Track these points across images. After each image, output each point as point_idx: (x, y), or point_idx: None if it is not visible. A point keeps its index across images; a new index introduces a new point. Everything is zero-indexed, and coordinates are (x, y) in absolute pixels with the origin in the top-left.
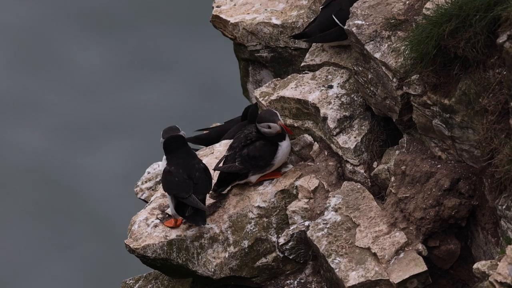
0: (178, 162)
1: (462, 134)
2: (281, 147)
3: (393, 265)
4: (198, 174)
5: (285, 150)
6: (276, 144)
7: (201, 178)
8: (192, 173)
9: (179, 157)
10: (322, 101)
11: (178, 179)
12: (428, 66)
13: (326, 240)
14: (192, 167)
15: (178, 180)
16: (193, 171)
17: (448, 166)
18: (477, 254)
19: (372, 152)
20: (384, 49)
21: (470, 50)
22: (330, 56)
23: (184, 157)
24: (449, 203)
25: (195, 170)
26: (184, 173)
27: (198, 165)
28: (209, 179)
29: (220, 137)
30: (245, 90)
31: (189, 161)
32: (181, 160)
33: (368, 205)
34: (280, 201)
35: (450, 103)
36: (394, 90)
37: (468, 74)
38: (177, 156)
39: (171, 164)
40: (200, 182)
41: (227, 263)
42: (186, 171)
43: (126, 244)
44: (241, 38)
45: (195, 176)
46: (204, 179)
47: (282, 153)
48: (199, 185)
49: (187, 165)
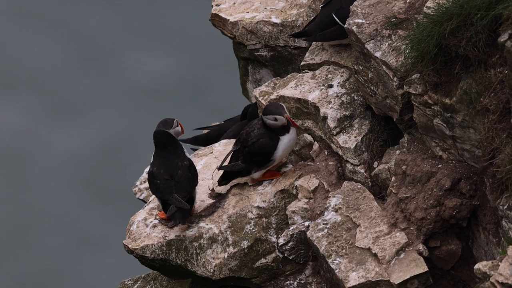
0: (161, 161)
1: (463, 133)
2: (282, 141)
3: (394, 266)
4: (180, 172)
5: (287, 144)
6: (277, 138)
7: (182, 176)
8: (174, 172)
9: (163, 156)
10: (322, 100)
11: (159, 181)
12: (429, 65)
13: (326, 240)
14: (175, 166)
15: (160, 182)
16: (175, 170)
17: (449, 166)
18: (478, 255)
19: (373, 152)
20: (385, 48)
21: (471, 49)
22: (330, 55)
23: (167, 156)
24: (450, 203)
25: (177, 169)
26: (166, 173)
27: (182, 163)
28: (193, 176)
29: (220, 136)
30: (244, 89)
31: (172, 159)
32: (164, 159)
33: (369, 205)
34: (280, 201)
35: (451, 103)
36: (394, 89)
37: (469, 73)
38: (162, 154)
39: (154, 165)
40: (182, 181)
41: (226, 264)
42: (168, 170)
43: (124, 244)
44: (241, 37)
45: (177, 175)
46: (187, 177)
47: (283, 147)
48: (181, 184)
49: (170, 164)
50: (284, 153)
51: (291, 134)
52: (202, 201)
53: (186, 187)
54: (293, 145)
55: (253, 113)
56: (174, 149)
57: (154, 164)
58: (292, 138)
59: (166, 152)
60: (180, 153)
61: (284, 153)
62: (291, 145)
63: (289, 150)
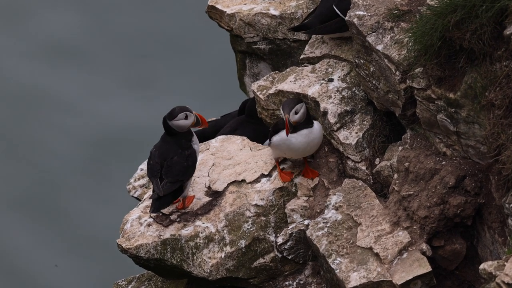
0: (161, 145)
1: (468, 129)
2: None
3: (396, 266)
4: (176, 158)
5: (277, 141)
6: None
7: (176, 162)
8: (169, 156)
9: (166, 141)
10: (322, 95)
11: (152, 162)
12: (433, 59)
13: (326, 239)
14: (173, 152)
15: (150, 163)
16: (171, 154)
17: (453, 163)
18: (484, 254)
19: (374, 148)
20: (387, 41)
21: (476, 42)
22: (330, 48)
23: (170, 142)
24: (455, 201)
25: (174, 154)
26: (159, 156)
27: (183, 151)
28: (188, 166)
29: (216, 132)
30: (242, 83)
31: (172, 145)
32: (165, 143)
33: (370, 203)
34: (279, 199)
35: (456, 97)
36: (397, 83)
37: (474, 67)
38: (167, 139)
39: (155, 146)
40: (174, 166)
41: (223, 264)
42: (163, 155)
43: (118, 244)
44: (238, 29)
45: (171, 159)
46: (180, 164)
47: (275, 141)
48: (171, 169)
49: (168, 149)
50: (276, 150)
51: (289, 138)
52: (198, 199)
53: (176, 174)
54: (287, 149)
55: (251, 108)
56: (181, 138)
57: (155, 146)
58: (283, 142)
59: (171, 138)
60: (184, 143)
61: (275, 150)
62: (282, 146)
63: (282, 151)
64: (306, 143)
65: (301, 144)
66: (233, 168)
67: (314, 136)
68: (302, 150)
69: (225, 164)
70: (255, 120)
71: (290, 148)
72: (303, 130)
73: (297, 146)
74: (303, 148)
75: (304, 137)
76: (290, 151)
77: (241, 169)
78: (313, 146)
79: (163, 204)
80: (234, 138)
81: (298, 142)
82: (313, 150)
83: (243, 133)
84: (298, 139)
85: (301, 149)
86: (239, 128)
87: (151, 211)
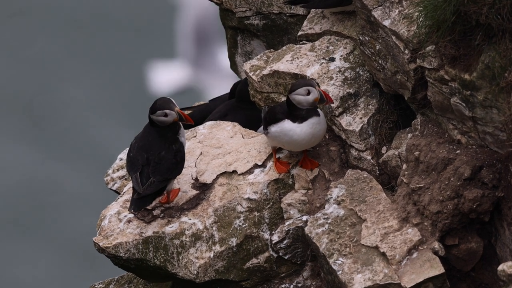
0: (142, 135)
1: (485, 114)
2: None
3: (405, 267)
4: (164, 154)
5: (274, 132)
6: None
7: (165, 159)
8: (153, 151)
9: (150, 132)
10: (322, 76)
11: (132, 154)
12: (446, 36)
13: (327, 237)
14: (156, 145)
15: (131, 155)
16: (156, 148)
17: (469, 152)
18: (503, 254)
19: (381, 136)
20: (395, 15)
21: (494, 17)
22: (331, 24)
23: (154, 134)
24: (470, 195)
25: (160, 149)
26: (141, 148)
27: (170, 145)
28: (178, 163)
29: (204, 118)
30: (233, 63)
31: (157, 138)
32: (148, 135)
33: (376, 197)
34: (274, 193)
35: (471, 79)
36: (406, 63)
37: (492, 44)
38: (150, 129)
39: (137, 137)
40: (163, 163)
41: (212, 265)
42: (145, 147)
43: (94, 242)
44: (228, 2)
45: (158, 155)
46: (169, 161)
47: (273, 132)
48: (160, 166)
49: (152, 142)
50: (273, 141)
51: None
52: (184, 192)
53: (165, 172)
54: (288, 141)
55: (242, 91)
56: (167, 131)
57: (136, 137)
58: (284, 132)
59: (155, 129)
60: (171, 136)
61: (273, 141)
62: (282, 138)
63: (281, 143)
64: (311, 134)
65: (305, 135)
66: (223, 158)
67: (321, 127)
68: (306, 142)
69: (214, 153)
70: (247, 104)
71: (293, 139)
72: (311, 118)
73: (301, 137)
74: (307, 140)
75: (310, 128)
76: (291, 144)
77: (232, 158)
78: (318, 137)
79: (146, 202)
80: (224, 124)
81: (304, 133)
82: (316, 143)
83: (234, 119)
84: (304, 129)
85: (305, 140)
86: (230, 113)
87: (131, 209)
